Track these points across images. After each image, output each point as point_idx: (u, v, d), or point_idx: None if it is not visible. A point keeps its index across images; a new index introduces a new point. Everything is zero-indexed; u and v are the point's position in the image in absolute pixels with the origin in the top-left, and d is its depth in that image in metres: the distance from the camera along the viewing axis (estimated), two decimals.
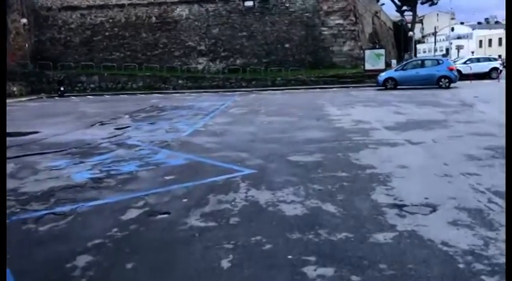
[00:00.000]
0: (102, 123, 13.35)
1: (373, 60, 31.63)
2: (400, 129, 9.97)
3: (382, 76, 25.95)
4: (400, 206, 4.61)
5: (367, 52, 32.15)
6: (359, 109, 15.07)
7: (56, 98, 28.94)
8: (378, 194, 5.07)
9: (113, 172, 6.69)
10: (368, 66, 31.65)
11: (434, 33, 77.69)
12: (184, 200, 5.13)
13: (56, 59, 36.06)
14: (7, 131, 8.43)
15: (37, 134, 11.33)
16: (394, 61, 32.75)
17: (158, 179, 6.19)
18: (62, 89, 29.20)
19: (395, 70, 26.22)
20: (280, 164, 6.81)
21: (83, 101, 25.59)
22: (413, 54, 50.68)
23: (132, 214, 4.72)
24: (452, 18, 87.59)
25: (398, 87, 25.12)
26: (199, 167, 6.86)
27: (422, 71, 24.94)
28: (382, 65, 31.50)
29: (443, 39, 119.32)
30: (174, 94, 29.49)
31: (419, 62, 26.58)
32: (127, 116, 15.32)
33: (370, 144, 8.29)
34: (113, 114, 16.28)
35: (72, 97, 29.45)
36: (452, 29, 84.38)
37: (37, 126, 12.83)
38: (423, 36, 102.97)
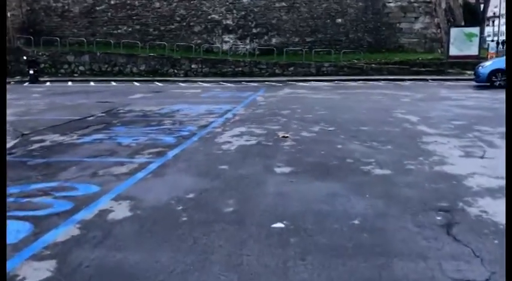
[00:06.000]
0: None
1: (462, 42, 22.54)
2: None
3: (487, 67, 17.03)
4: None
5: (454, 31, 22.98)
6: None
7: (26, 84, 21.65)
8: None
9: None
10: (453, 51, 22.64)
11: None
12: None
13: (51, 33, 28.95)
14: None
15: None
16: (492, 45, 23.35)
17: None
18: (31, 72, 21.83)
19: None
20: None
21: (44, 92, 17.98)
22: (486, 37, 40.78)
23: None
24: None
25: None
26: None
27: None
28: (474, 50, 22.45)
29: None
30: (180, 84, 21.57)
31: None
32: None
33: None
34: None
35: (47, 83, 22.07)
36: None
37: None
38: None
